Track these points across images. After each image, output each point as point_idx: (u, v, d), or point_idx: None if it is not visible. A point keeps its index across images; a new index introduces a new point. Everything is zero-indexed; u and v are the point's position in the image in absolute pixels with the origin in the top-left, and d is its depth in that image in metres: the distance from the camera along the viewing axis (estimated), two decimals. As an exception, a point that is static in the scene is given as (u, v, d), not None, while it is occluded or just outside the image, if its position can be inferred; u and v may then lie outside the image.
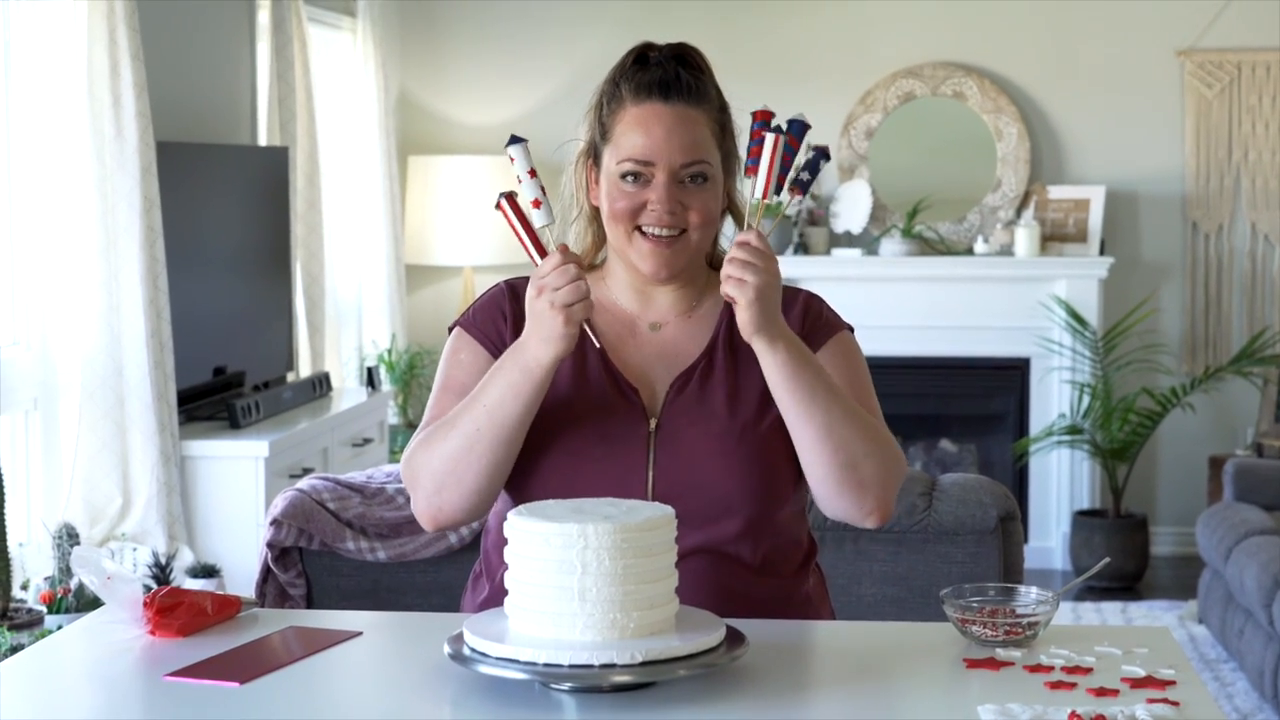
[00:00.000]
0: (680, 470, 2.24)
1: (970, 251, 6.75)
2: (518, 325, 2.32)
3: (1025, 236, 6.57)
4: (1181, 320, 6.87)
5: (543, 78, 7.00)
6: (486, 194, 6.78)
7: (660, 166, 2.25)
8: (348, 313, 6.45)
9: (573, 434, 2.27)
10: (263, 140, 5.53)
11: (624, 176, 2.27)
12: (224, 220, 5.19)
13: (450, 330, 2.40)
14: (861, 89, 6.87)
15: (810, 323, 2.35)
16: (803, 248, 6.68)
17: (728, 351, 2.32)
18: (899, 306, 6.59)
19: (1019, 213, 6.77)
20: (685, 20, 6.58)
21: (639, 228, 2.27)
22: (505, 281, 2.42)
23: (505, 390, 2.19)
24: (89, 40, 4.27)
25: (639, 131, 2.27)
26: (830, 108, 6.85)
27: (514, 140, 2.23)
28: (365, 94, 6.43)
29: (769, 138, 2.20)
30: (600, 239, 2.39)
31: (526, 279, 2.35)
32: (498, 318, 2.36)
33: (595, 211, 2.37)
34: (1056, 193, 6.73)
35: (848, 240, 6.80)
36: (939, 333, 6.64)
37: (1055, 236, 6.68)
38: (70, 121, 4.28)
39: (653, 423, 2.27)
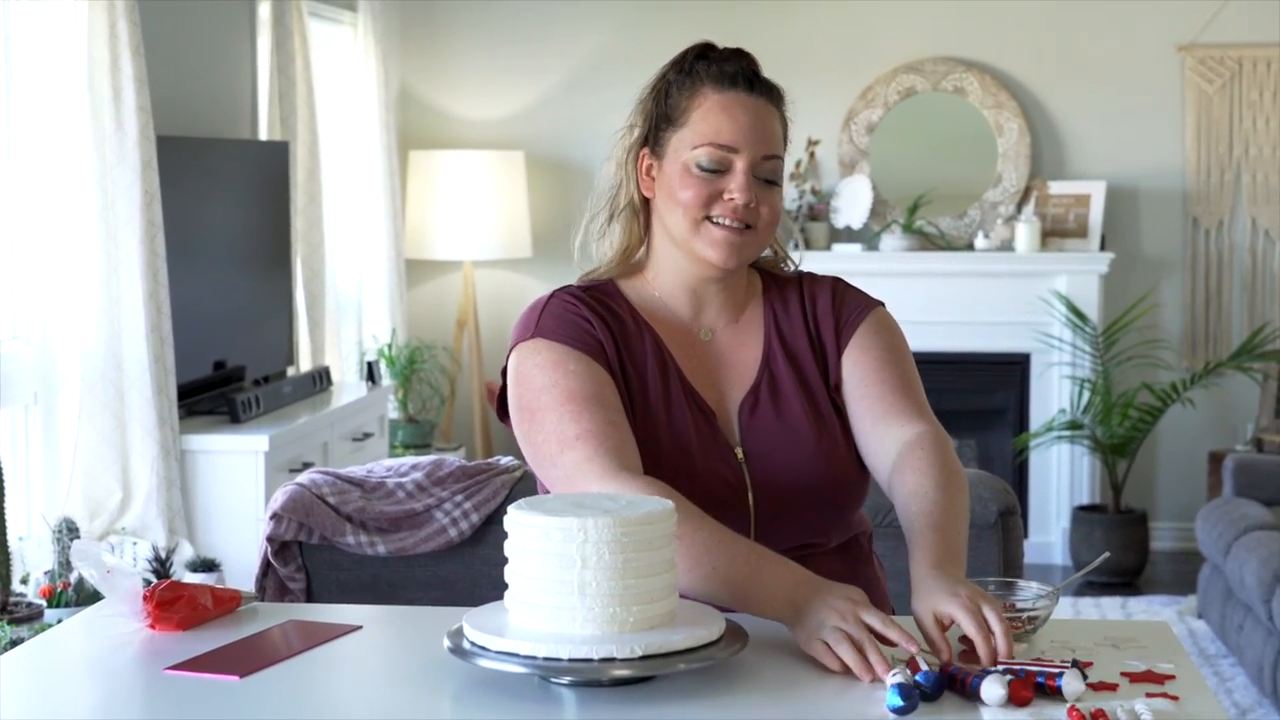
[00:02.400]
0: (781, 499, 2.23)
1: (971, 247, 6.75)
2: (603, 330, 2.22)
3: (1026, 232, 6.57)
4: (1182, 316, 6.87)
5: (543, 73, 7.00)
6: (487, 189, 6.78)
7: (743, 154, 2.21)
8: (348, 307, 6.45)
9: (669, 468, 2.18)
10: (263, 135, 5.52)
11: (699, 164, 2.21)
12: (224, 215, 5.19)
13: (511, 349, 2.23)
14: (862, 84, 6.87)
15: (840, 308, 2.34)
16: (803, 243, 6.68)
17: (787, 361, 2.30)
18: (899, 302, 6.50)
19: (1019, 208, 6.76)
20: (686, 15, 6.58)
21: (708, 217, 2.22)
22: (563, 291, 2.28)
23: (737, 589, 2.01)
24: (89, 34, 4.27)
25: (724, 116, 2.22)
26: (831, 103, 6.85)
27: None
28: (366, 88, 6.43)
29: None
30: (642, 236, 2.31)
31: (581, 287, 2.29)
32: (584, 326, 2.22)
33: (644, 203, 2.30)
34: (1057, 188, 6.73)
35: (848, 235, 6.80)
36: (939, 328, 6.64)
37: (1056, 232, 6.68)
38: (70, 116, 4.28)
39: (739, 452, 2.25)
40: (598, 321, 2.24)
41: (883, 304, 2.39)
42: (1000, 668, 1.84)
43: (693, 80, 2.25)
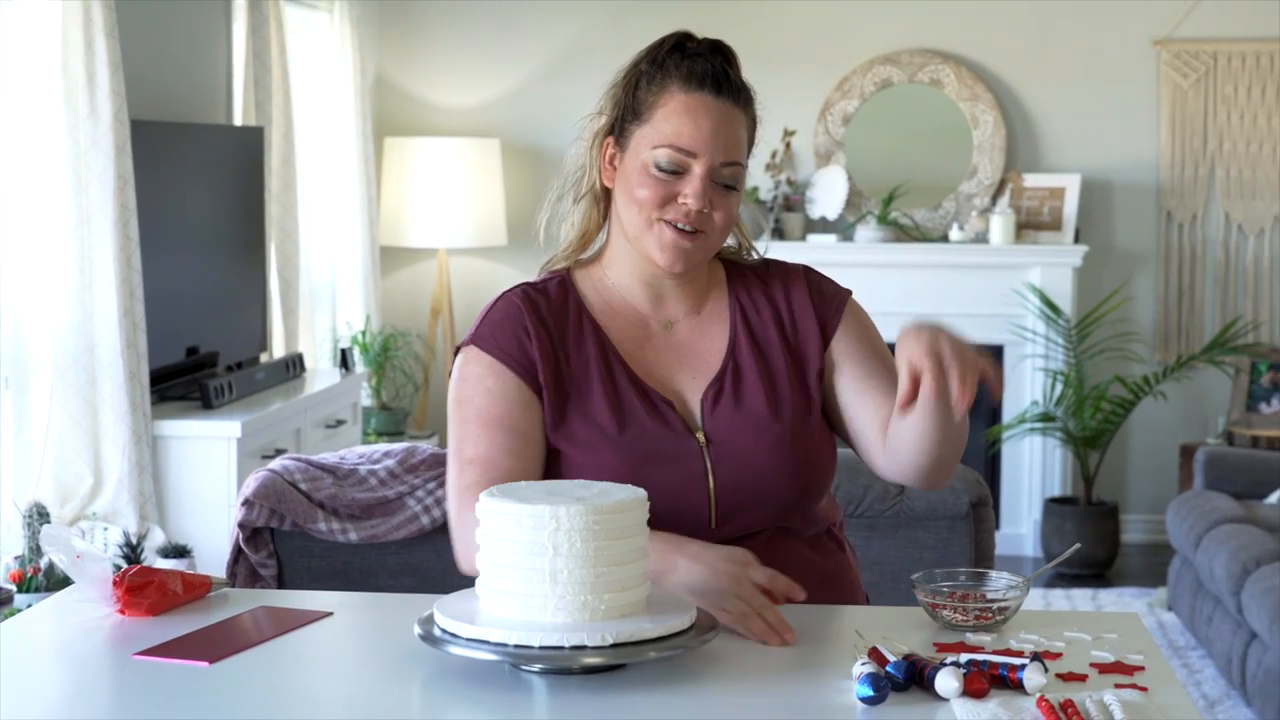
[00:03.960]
0: (743, 485, 2.23)
1: (945, 239, 6.76)
2: (541, 340, 2.25)
3: (1000, 224, 6.59)
4: (1154, 309, 6.89)
5: (520, 60, 6.99)
6: (462, 176, 6.77)
7: (701, 159, 2.20)
8: (322, 294, 6.43)
9: (623, 458, 2.21)
10: (238, 120, 5.50)
11: (657, 164, 2.20)
12: (198, 200, 5.17)
13: (458, 350, 2.29)
14: (838, 75, 6.87)
15: (819, 299, 2.35)
16: (778, 233, 6.69)
17: (752, 351, 2.29)
18: (874, 293, 6.51)
19: (994, 200, 6.78)
20: (663, 3, 6.57)
21: (662, 217, 2.21)
22: (518, 290, 2.31)
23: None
24: (63, 17, 4.25)
25: (687, 119, 2.20)
26: (807, 93, 6.85)
27: None
28: (341, 74, 6.41)
29: None
30: (601, 223, 2.32)
31: (536, 284, 2.30)
32: (521, 337, 2.25)
33: (605, 192, 2.29)
34: (1032, 181, 6.74)
35: (823, 226, 6.81)
36: (913, 319, 6.64)
37: (1030, 224, 6.70)
38: (44, 99, 4.26)
39: (700, 437, 2.24)
40: (537, 330, 2.25)
41: (850, 291, 2.40)
42: (964, 658, 1.85)
43: (663, 75, 2.23)
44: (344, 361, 5.86)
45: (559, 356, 2.25)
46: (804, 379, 2.31)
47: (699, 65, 2.23)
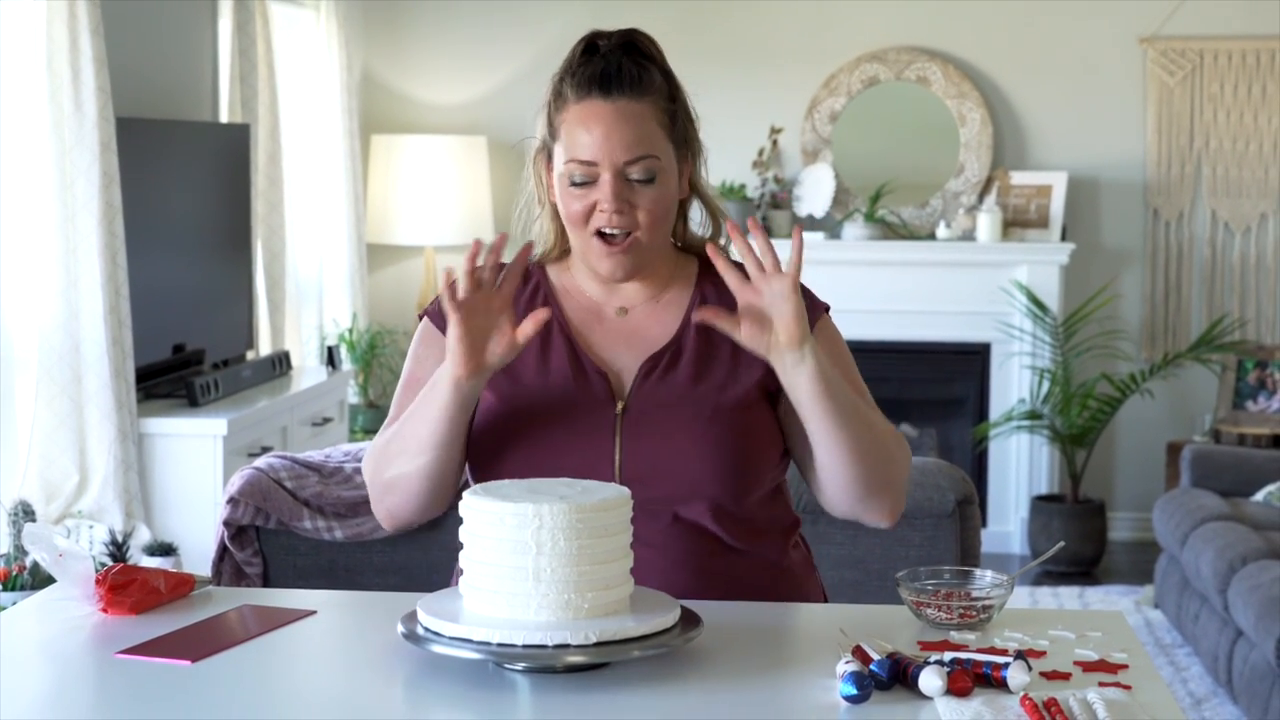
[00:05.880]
0: (648, 453, 2.22)
1: (932, 236, 6.76)
2: None
3: (987, 222, 6.59)
4: (1141, 307, 6.90)
5: (506, 58, 6.98)
6: (449, 174, 6.77)
7: (604, 165, 2.21)
8: (308, 291, 6.42)
9: (537, 421, 2.25)
10: (224, 117, 5.50)
11: (572, 180, 2.23)
12: (184, 197, 5.16)
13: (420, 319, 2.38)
14: (825, 72, 6.87)
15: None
16: (765, 231, 6.68)
17: (698, 334, 2.29)
18: (861, 290, 6.60)
19: (981, 198, 6.78)
20: (648, 2, 6.56)
21: (591, 229, 2.24)
22: None
23: (431, 406, 2.19)
24: (48, 14, 4.24)
25: (581, 130, 2.22)
26: (794, 91, 6.85)
27: None
28: (328, 71, 6.40)
29: None
30: (564, 233, 2.34)
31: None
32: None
33: (555, 208, 2.33)
34: (1019, 178, 6.75)
35: (810, 224, 6.80)
36: (900, 317, 6.66)
37: (1017, 222, 6.70)
38: (28, 96, 4.25)
39: (620, 405, 2.26)
40: None
41: (829, 307, 2.37)
42: (947, 657, 1.85)
43: (563, 88, 2.26)
44: (330, 359, 5.85)
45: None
46: (749, 374, 2.27)
47: (590, 69, 2.24)
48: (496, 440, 2.26)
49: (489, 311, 2.15)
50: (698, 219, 2.38)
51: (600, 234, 2.24)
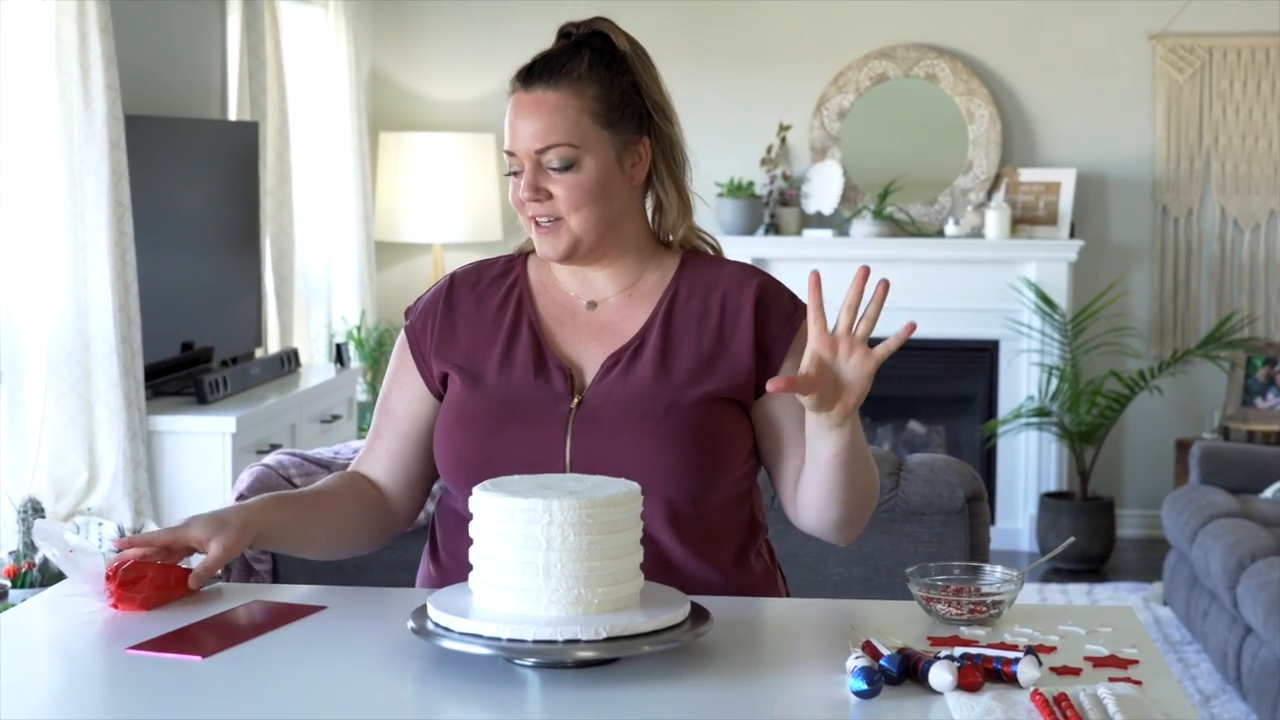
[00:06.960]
0: (596, 449, 2.20)
1: (941, 233, 6.76)
2: (445, 323, 2.33)
3: (996, 219, 6.59)
4: (1150, 304, 6.89)
5: (515, 55, 6.87)
6: (458, 171, 6.77)
7: (520, 157, 2.25)
8: (317, 289, 6.43)
9: (496, 417, 2.25)
10: (233, 115, 5.50)
11: (510, 169, 2.28)
12: (193, 194, 5.17)
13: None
14: (834, 70, 6.86)
15: (762, 317, 2.30)
16: (774, 228, 6.68)
17: (663, 330, 2.28)
18: (869, 288, 6.58)
19: (990, 195, 6.78)
20: (657, 0, 6.57)
21: (526, 217, 2.28)
22: (453, 272, 2.40)
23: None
24: (58, 12, 4.24)
25: (508, 122, 2.27)
26: (802, 88, 6.84)
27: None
28: (337, 69, 6.40)
29: None
30: None
31: (487, 261, 2.41)
32: (430, 320, 2.35)
33: None
34: (1027, 175, 6.74)
35: (819, 221, 6.80)
36: (909, 314, 6.53)
37: (1025, 219, 6.70)
38: (38, 93, 4.25)
39: (576, 400, 2.24)
40: (445, 315, 2.33)
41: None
42: (958, 652, 1.85)
43: (512, 83, 2.31)
44: (339, 356, 5.86)
45: (458, 334, 2.32)
46: (721, 377, 2.25)
47: (527, 62, 2.30)
48: (458, 436, 2.26)
49: (175, 551, 2.15)
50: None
51: (531, 220, 2.27)
